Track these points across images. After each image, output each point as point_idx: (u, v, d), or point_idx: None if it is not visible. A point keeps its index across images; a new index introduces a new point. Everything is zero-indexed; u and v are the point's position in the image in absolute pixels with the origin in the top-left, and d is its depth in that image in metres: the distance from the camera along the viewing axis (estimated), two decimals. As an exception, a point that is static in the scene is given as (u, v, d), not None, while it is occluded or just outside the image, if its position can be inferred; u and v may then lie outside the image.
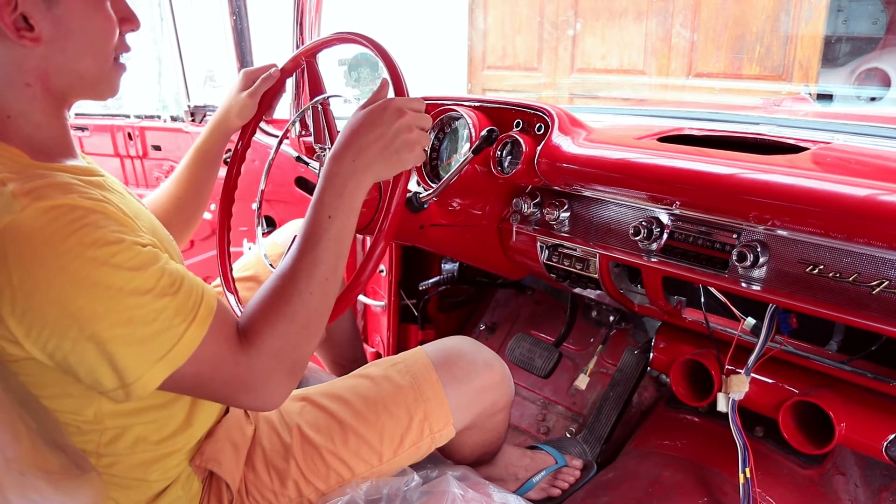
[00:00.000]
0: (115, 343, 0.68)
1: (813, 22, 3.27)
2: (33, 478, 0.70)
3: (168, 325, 0.71)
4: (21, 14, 0.71)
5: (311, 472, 0.97)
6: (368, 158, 0.84)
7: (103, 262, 0.67)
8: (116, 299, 0.67)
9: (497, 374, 1.09)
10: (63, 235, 0.66)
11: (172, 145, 2.30)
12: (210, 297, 0.76)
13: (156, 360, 0.70)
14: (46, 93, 0.76)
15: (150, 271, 0.71)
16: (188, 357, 0.72)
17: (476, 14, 4.67)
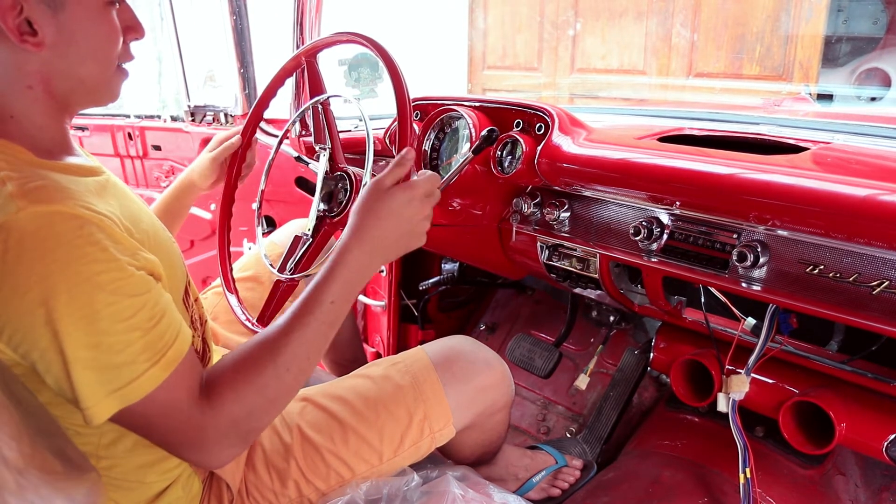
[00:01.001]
0: (78, 365, 0.67)
1: (813, 22, 3.27)
2: (32, 478, 0.70)
3: (132, 359, 0.69)
4: (26, 18, 0.71)
5: (311, 472, 0.97)
6: (384, 250, 0.85)
7: (87, 278, 0.66)
8: (90, 321, 0.67)
9: (497, 374, 1.09)
10: (54, 244, 0.65)
11: (172, 145, 2.30)
12: (182, 342, 0.75)
13: (110, 391, 0.69)
14: (48, 96, 0.77)
15: (132, 300, 0.69)
16: (142, 396, 0.70)
17: (476, 14, 4.67)
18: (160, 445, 0.78)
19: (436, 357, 1.06)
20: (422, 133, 1.35)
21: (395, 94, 0.98)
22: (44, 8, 0.72)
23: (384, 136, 1.47)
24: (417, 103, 1.41)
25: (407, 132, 0.95)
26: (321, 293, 0.81)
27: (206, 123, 2.17)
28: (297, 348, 0.79)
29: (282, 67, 1.19)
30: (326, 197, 1.12)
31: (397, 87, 0.98)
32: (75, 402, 0.70)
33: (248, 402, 0.77)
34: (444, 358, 1.06)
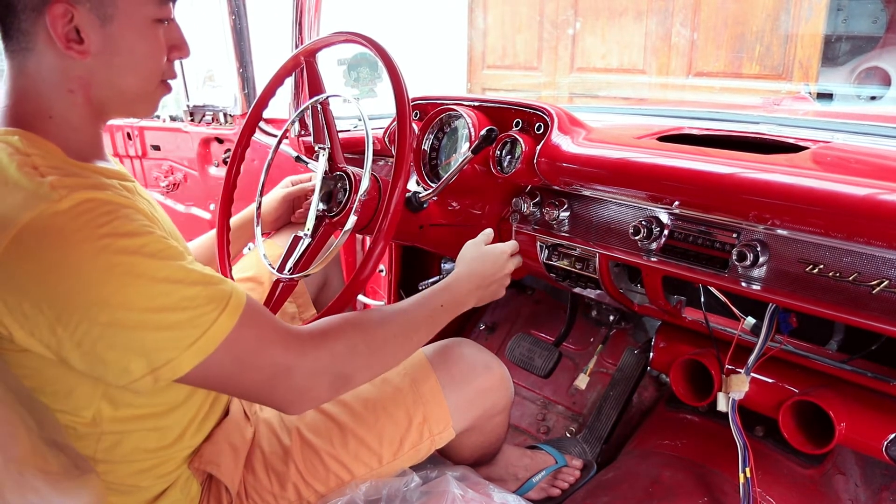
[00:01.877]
0: (146, 328, 0.69)
1: (813, 21, 3.27)
2: (32, 478, 0.70)
3: (200, 311, 0.72)
4: (75, 26, 0.73)
5: (310, 475, 0.97)
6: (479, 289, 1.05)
7: (135, 250, 0.69)
8: (148, 286, 0.69)
9: (496, 376, 1.09)
10: (97, 225, 0.68)
11: (172, 145, 2.30)
12: (239, 291, 0.78)
13: (187, 345, 0.71)
14: (87, 101, 0.79)
15: (182, 263, 0.73)
16: (221, 341, 0.73)
17: (476, 13, 4.67)
18: (252, 393, 0.79)
19: (435, 360, 1.06)
20: (421, 133, 1.35)
21: (394, 93, 0.98)
22: (94, 18, 0.74)
23: (383, 135, 1.47)
24: (417, 103, 1.40)
25: (406, 132, 0.95)
26: (435, 296, 0.98)
27: (206, 123, 2.17)
28: (406, 323, 0.92)
29: (281, 67, 1.19)
30: (325, 197, 1.12)
31: (396, 86, 0.98)
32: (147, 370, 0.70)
33: (352, 343, 0.84)
34: (443, 360, 1.06)
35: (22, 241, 0.66)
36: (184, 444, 0.90)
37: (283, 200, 1.34)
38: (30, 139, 0.75)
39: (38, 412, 0.77)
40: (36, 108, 0.77)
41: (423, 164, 1.36)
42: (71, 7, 0.73)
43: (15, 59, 0.76)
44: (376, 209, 1.13)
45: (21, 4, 0.73)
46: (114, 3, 0.75)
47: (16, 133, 0.75)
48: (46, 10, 0.72)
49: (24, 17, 0.74)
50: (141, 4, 0.77)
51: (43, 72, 0.76)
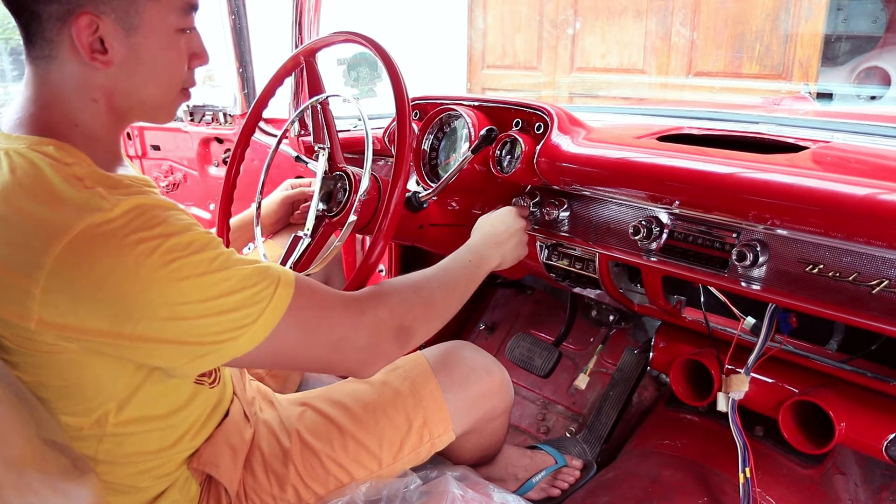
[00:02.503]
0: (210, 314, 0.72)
1: (813, 20, 3.27)
2: (32, 479, 0.70)
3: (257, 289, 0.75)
4: (99, 37, 0.74)
5: (310, 478, 0.97)
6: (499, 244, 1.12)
7: (186, 246, 0.71)
8: (205, 278, 0.72)
9: (496, 380, 1.09)
10: (148, 227, 0.70)
11: (171, 145, 2.30)
12: (285, 268, 0.81)
13: (251, 321, 0.74)
14: (109, 110, 0.80)
15: (230, 252, 0.76)
16: (284, 311, 0.76)
17: (475, 13, 4.67)
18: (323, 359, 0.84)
19: (435, 363, 1.06)
20: (421, 132, 1.35)
21: (393, 93, 0.98)
22: (119, 29, 0.75)
23: (383, 135, 1.47)
24: (416, 103, 1.40)
25: (406, 132, 0.95)
26: (461, 253, 1.05)
27: (205, 123, 2.17)
28: (445, 275, 0.99)
29: (280, 67, 1.19)
30: (325, 196, 1.12)
31: (396, 86, 0.98)
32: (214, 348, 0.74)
33: (405, 296, 0.90)
34: (443, 364, 1.06)
35: (76, 247, 0.68)
36: (184, 446, 0.90)
37: (282, 203, 1.34)
38: (63, 148, 0.75)
39: (37, 412, 0.77)
40: (62, 116, 0.77)
41: (423, 164, 1.36)
42: (96, 18, 0.73)
43: (38, 66, 0.77)
44: (376, 209, 1.13)
45: (46, 13, 0.73)
46: (139, 13, 0.75)
47: (50, 143, 0.75)
48: (73, 20, 0.73)
49: (49, 26, 0.74)
50: (166, 14, 0.77)
51: (66, 80, 0.77)
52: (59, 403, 0.78)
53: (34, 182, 0.71)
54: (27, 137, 0.75)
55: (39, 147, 0.74)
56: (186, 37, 0.81)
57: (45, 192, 0.71)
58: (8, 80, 4.48)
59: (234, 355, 0.75)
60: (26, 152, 0.73)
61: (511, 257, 1.15)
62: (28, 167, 0.72)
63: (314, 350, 0.82)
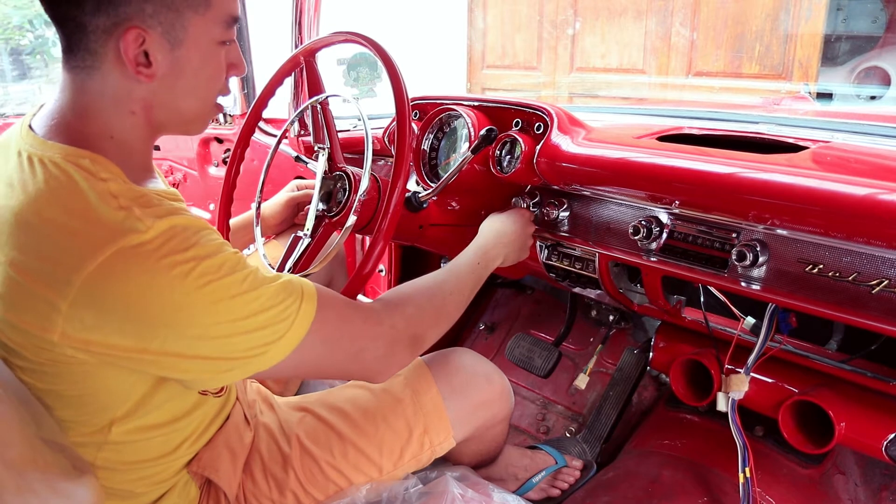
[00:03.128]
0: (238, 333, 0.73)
1: (812, 20, 3.27)
2: (32, 479, 0.70)
3: (283, 307, 0.77)
4: (144, 50, 0.74)
5: (309, 484, 0.97)
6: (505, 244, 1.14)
7: (216, 270, 0.72)
8: (234, 300, 0.73)
9: (497, 388, 1.09)
10: (181, 249, 0.71)
11: (171, 145, 2.30)
12: (306, 281, 0.83)
13: (276, 339, 0.76)
14: (146, 122, 0.80)
15: (253, 269, 0.77)
16: (308, 326, 0.78)
17: (475, 13, 4.67)
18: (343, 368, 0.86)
19: (436, 370, 1.06)
20: (420, 132, 1.35)
21: (393, 93, 0.98)
22: (164, 42, 0.75)
23: (383, 135, 1.47)
24: (416, 103, 1.40)
25: (406, 132, 0.95)
26: (470, 257, 1.07)
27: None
28: (455, 280, 1.01)
29: (280, 67, 1.19)
30: (325, 196, 1.12)
31: (396, 86, 0.98)
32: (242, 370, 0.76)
33: (419, 304, 0.93)
34: (444, 371, 1.06)
35: (109, 266, 0.68)
36: (184, 452, 0.90)
37: (287, 204, 1.34)
38: (98, 162, 0.75)
39: (37, 412, 0.77)
40: (98, 127, 0.77)
41: (423, 164, 1.36)
42: (143, 32, 0.73)
43: (77, 75, 0.76)
44: (376, 209, 1.13)
45: (93, 25, 0.73)
46: (184, 27, 0.75)
47: (86, 155, 0.74)
48: (122, 34, 0.72)
49: (95, 38, 0.73)
50: (210, 27, 0.78)
51: (106, 91, 0.76)
52: (65, 412, 0.78)
53: (70, 196, 0.71)
54: (63, 147, 0.75)
55: (76, 159, 0.74)
56: (226, 48, 0.82)
57: (80, 209, 0.71)
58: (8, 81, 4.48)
59: (258, 370, 0.77)
60: (62, 163, 0.73)
61: (513, 258, 1.17)
62: (64, 180, 0.72)
63: (334, 361, 0.84)
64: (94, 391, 0.77)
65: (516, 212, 1.21)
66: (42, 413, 0.78)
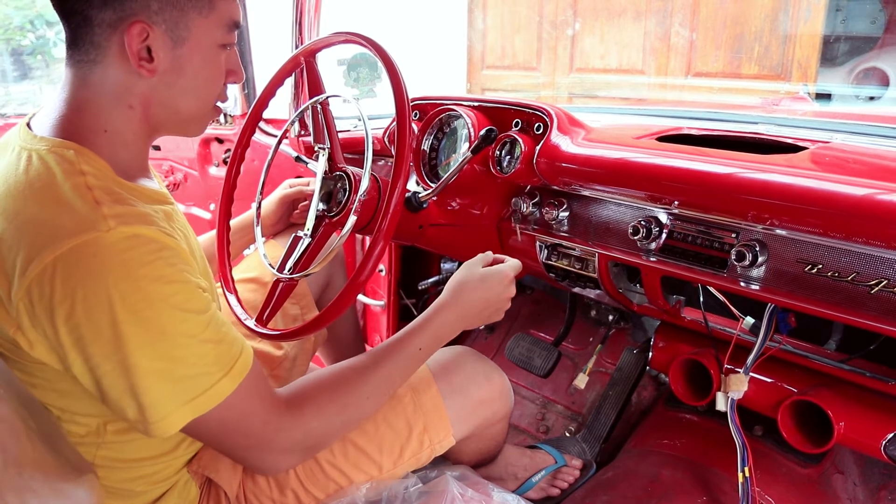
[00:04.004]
0: (151, 377, 0.71)
1: (812, 21, 3.27)
2: (31, 479, 0.70)
3: (206, 370, 0.74)
4: (147, 45, 0.75)
5: (309, 483, 0.97)
6: (471, 317, 0.99)
7: (163, 299, 0.70)
8: (166, 336, 0.71)
9: (497, 386, 1.09)
10: (137, 264, 0.69)
11: (172, 145, 2.30)
12: (248, 354, 0.79)
13: (183, 402, 0.73)
14: (144, 119, 0.81)
15: (201, 317, 0.74)
16: (216, 404, 0.75)
17: (475, 14, 4.67)
18: (228, 452, 0.82)
19: (436, 369, 1.06)
20: (420, 133, 1.35)
21: (393, 93, 0.98)
22: (167, 39, 0.77)
23: (383, 135, 1.47)
24: (416, 103, 1.41)
25: (406, 132, 0.95)
26: (412, 338, 0.95)
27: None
28: (382, 380, 0.92)
29: (281, 67, 1.19)
30: (325, 197, 1.12)
31: (396, 86, 0.98)
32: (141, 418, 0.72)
33: (327, 417, 0.86)
34: (443, 370, 1.06)
35: (65, 262, 0.68)
36: (182, 451, 0.90)
37: (281, 203, 1.34)
38: (83, 155, 0.75)
39: (38, 413, 0.77)
40: (92, 120, 0.78)
41: (423, 165, 1.36)
42: (148, 27, 0.75)
43: (80, 69, 0.78)
44: (376, 209, 1.13)
45: (99, 19, 0.74)
46: (188, 27, 0.77)
47: (70, 147, 0.75)
48: (127, 27, 0.74)
49: (100, 32, 0.75)
50: (213, 29, 0.80)
51: (107, 85, 0.78)
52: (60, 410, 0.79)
53: (44, 188, 0.72)
54: (50, 140, 0.76)
55: (59, 150, 0.75)
56: (226, 53, 0.83)
57: (50, 198, 0.71)
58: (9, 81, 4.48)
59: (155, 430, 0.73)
60: (45, 155, 0.74)
61: (477, 324, 1.02)
62: (42, 169, 0.73)
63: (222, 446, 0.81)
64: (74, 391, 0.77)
65: (497, 273, 1.00)
66: (42, 413, 0.78)
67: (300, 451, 0.86)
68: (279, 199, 1.34)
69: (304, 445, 0.86)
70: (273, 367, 1.24)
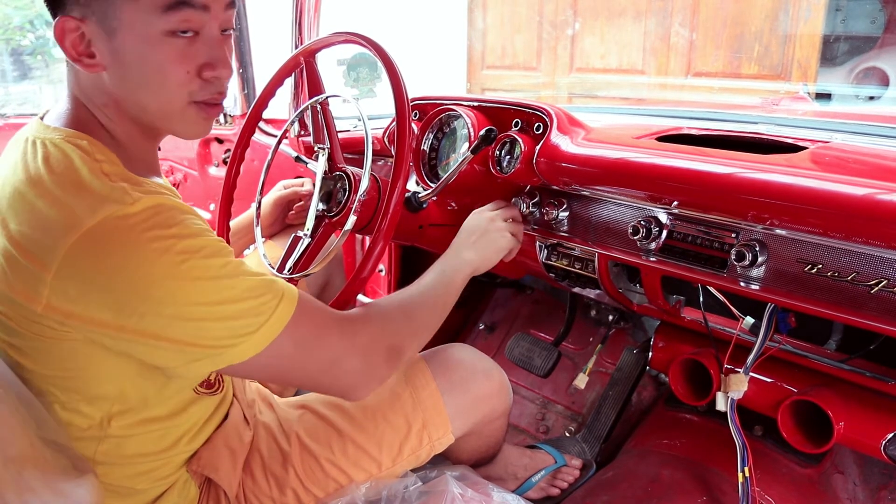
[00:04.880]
0: (212, 319, 0.73)
1: (811, 21, 3.27)
2: (31, 478, 0.70)
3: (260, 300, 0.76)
4: (88, 40, 0.75)
5: (309, 481, 0.97)
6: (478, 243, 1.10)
7: (198, 250, 0.73)
8: (212, 282, 0.73)
9: (496, 383, 1.09)
10: (165, 226, 0.72)
11: (171, 145, 2.30)
12: (289, 285, 0.82)
13: (252, 331, 0.75)
14: (121, 116, 0.80)
15: (237, 261, 0.77)
16: (284, 325, 0.77)
17: (475, 14, 4.67)
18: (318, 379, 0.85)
19: (434, 365, 1.06)
20: (420, 133, 1.35)
21: (393, 93, 0.98)
22: (100, 31, 0.74)
23: (383, 135, 1.47)
24: (416, 103, 1.41)
25: (405, 132, 0.95)
26: (437, 266, 1.04)
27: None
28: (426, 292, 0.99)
29: (281, 67, 1.19)
30: (325, 197, 1.12)
31: (396, 87, 0.98)
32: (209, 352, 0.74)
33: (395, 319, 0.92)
34: (442, 367, 1.06)
35: (93, 236, 0.69)
36: (182, 449, 0.90)
37: (276, 204, 1.34)
38: (95, 145, 0.77)
39: (37, 412, 0.77)
40: (89, 117, 0.80)
41: (423, 165, 1.36)
42: (79, 21, 0.74)
43: (69, 69, 0.80)
44: (376, 209, 1.13)
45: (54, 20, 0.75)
46: (117, 15, 0.73)
47: (85, 138, 0.77)
48: (56, 23, 0.74)
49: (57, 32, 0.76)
50: (144, 15, 0.73)
51: (82, 85, 0.79)
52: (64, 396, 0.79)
53: (64, 171, 0.73)
54: (64, 130, 0.78)
55: (74, 140, 0.76)
56: (185, 42, 0.75)
57: (71, 182, 0.72)
58: (9, 81, 4.48)
59: (229, 363, 0.76)
60: (61, 143, 0.76)
61: (491, 252, 1.11)
62: (60, 156, 0.74)
63: (307, 369, 0.83)
64: (82, 374, 0.77)
65: (479, 210, 1.16)
66: (42, 413, 0.78)
67: (383, 350, 0.88)
68: (274, 200, 1.34)
69: (386, 344, 0.88)
70: (273, 368, 1.24)
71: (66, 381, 0.78)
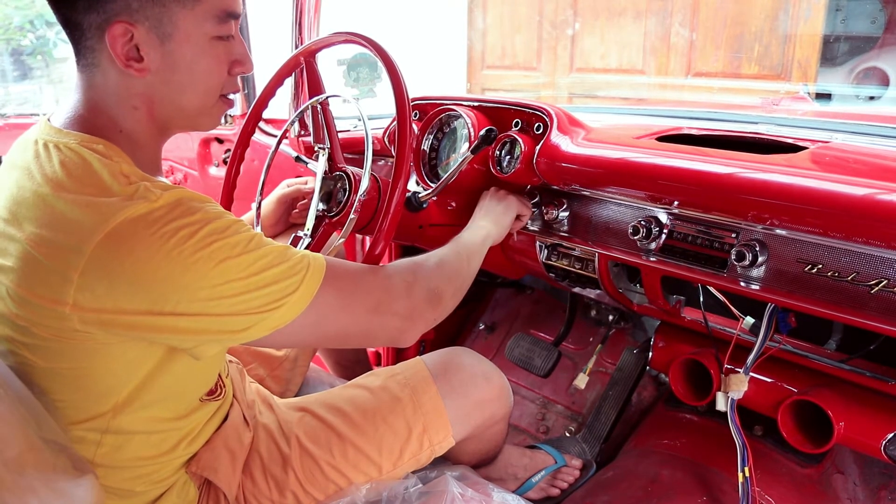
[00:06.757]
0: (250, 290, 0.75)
1: (812, 21, 3.27)
2: (31, 479, 0.70)
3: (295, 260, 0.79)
4: (135, 45, 0.76)
5: (309, 484, 0.97)
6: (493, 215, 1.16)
7: (224, 229, 0.75)
8: (243, 257, 0.75)
9: (496, 387, 1.09)
10: (190, 213, 0.74)
11: (171, 145, 2.29)
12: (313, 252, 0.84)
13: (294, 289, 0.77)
14: (150, 118, 0.82)
15: (259, 234, 0.79)
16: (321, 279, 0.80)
17: (475, 14, 4.67)
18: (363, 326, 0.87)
19: (435, 369, 1.06)
20: (420, 133, 1.35)
21: (393, 93, 0.98)
22: (153, 37, 0.77)
23: (383, 135, 1.47)
24: (416, 103, 1.41)
25: (406, 132, 0.95)
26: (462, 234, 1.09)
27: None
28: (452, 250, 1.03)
29: (281, 67, 1.19)
30: (325, 196, 1.12)
31: (396, 86, 0.98)
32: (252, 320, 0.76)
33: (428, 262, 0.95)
34: (443, 370, 1.06)
35: (118, 234, 0.70)
36: (181, 451, 0.90)
37: (279, 203, 1.34)
38: (111, 148, 0.78)
39: (37, 412, 0.77)
40: (107, 121, 0.80)
41: (423, 164, 1.36)
42: (131, 26, 0.75)
43: (85, 74, 0.80)
44: (376, 209, 1.13)
45: (87, 23, 0.76)
46: (172, 22, 0.77)
47: (100, 142, 0.78)
48: (107, 29, 0.75)
49: (90, 36, 0.76)
50: (200, 23, 0.79)
51: (109, 88, 0.79)
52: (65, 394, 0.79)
53: (84, 174, 0.74)
54: (78, 134, 0.78)
55: (90, 144, 0.77)
56: (225, 44, 0.82)
57: (93, 184, 0.73)
58: (9, 81, 4.48)
59: (276, 326, 0.77)
60: (77, 147, 0.76)
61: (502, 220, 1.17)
62: (78, 160, 0.75)
63: (354, 315, 0.85)
64: (97, 370, 0.77)
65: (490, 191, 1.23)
66: (42, 413, 0.78)
67: (423, 293, 0.91)
68: (277, 198, 1.34)
69: (423, 287, 0.91)
70: (273, 368, 1.24)
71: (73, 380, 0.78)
